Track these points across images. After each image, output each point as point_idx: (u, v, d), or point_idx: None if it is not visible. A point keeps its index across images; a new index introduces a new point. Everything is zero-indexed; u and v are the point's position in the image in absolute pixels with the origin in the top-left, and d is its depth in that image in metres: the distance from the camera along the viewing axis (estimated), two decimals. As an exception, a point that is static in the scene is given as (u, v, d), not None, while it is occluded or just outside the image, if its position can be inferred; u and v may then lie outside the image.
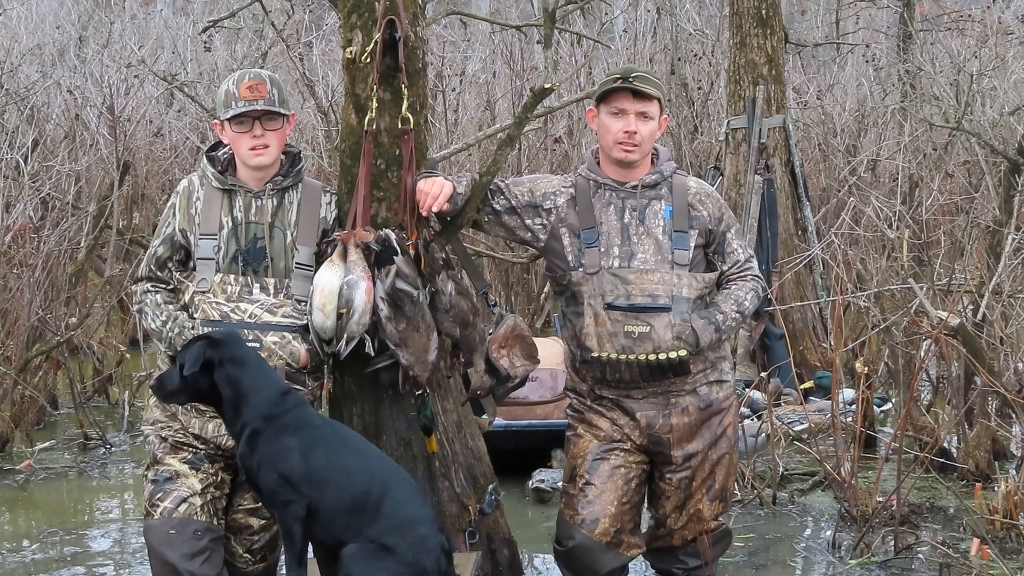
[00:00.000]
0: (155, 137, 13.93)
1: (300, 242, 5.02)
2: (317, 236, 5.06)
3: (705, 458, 5.29)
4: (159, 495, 4.94)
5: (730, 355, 5.46)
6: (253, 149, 4.96)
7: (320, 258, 5.02)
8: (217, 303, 4.94)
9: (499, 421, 7.29)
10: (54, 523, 7.01)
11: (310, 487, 4.48)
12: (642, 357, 5.09)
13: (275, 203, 5.03)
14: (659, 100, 5.15)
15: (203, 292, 4.95)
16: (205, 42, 14.65)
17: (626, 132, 5.15)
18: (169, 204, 5.10)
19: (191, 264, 5.01)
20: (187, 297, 4.99)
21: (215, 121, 5.08)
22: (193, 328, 4.90)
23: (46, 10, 18.55)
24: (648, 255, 5.12)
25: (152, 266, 5.05)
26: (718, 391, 5.29)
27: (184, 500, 4.91)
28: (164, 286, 5.04)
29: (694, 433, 5.26)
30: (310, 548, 4.60)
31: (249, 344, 4.78)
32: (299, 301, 4.97)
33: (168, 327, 4.94)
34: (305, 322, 4.95)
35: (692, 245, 5.15)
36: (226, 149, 5.11)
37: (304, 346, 4.97)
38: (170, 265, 5.04)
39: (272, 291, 4.97)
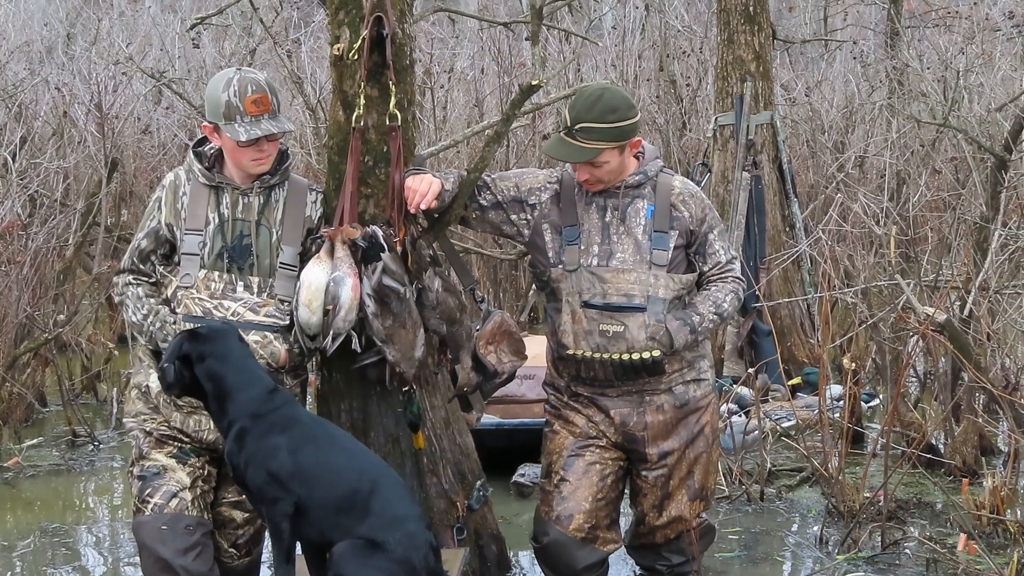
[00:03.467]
0: (143, 134, 13.89)
1: (285, 242, 5.00)
2: (302, 236, 5.05)
3: (682, 457, 5.29)
4: (148, 491, 4.91)
5: (710, 354, 5.44)
6: (255, 160, 4.94)
7: (304, 257, 5.02)
8: (200, 299, 4.91)
9: (492, 419, 7.30)
10: (43, 520, 7.01)
11: (298, 485, 4.49)
12: (616, 356, 5.10)
13: (262, 201, 5.01)
14: (608, 147, 5.01)
15: (186, 288, 4.92)
16: (193, 39, 14.59)
17: (582, 181, 5.16)
18: (155, 197, 5.06)
19: (175, 259, 4.98)
20: (170, 292, 4.96)
21: (205, 124, 4.99)
22: (175, 323, 4.88)
23: (34, 7, 18.52)
24: (627, 255, 5.11)
25: (135, 258, 5.01)
26: (695, 390, 5.29)
27: (175, 495, 4.89)
28: (146, 279, 5.01)
29: (670, 431, 5.27)
30: (298, 546, 4.62)
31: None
32: (282, 301, 4.96)
33: (150, 321, 4.92)
34: (287, 322, 4.95)
35: (671, 246, 5.13)
36: (212, 144, 5.06)
37: (284, 346, 4.96)
38: (153, 258, 5.01)
39: (256, 290, 4.95)
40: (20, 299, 8.60)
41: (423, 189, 5.05)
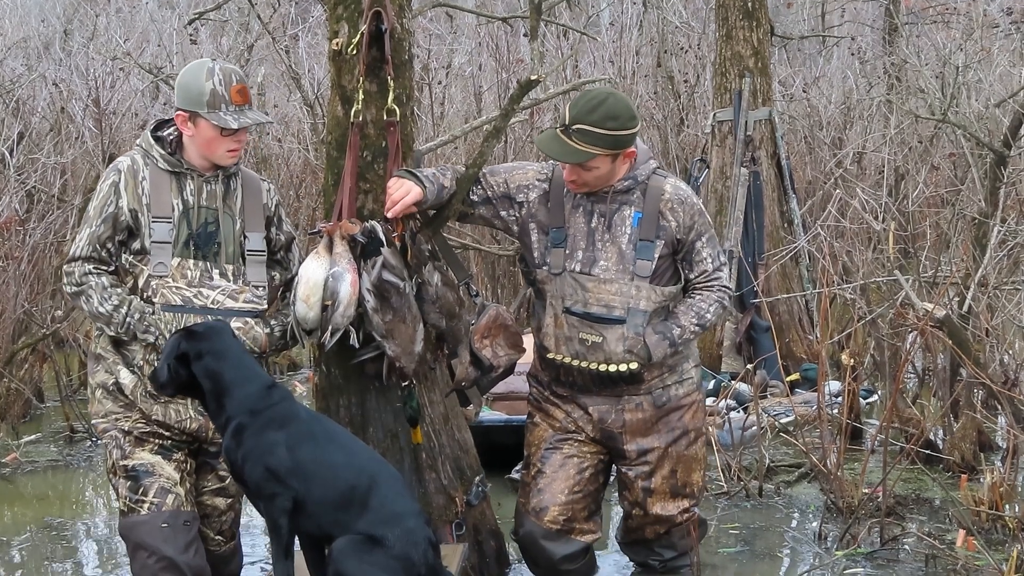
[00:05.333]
0: (140, 130, 13.81)
1: (249, 229, 4.98)
2: (263, 223, 5.03)
3: (664, 455, 5.29)
4: (141, 489, 4.86)
5: (695, 353, 5.42)
6: (231, 152, 4.90)
7: (271, 244, 5.05)
8: (177, 288, 4.83)
9: (498, 415, 7.29)
10: (40, 515, 7.00)
11: (296, 480, 4.49)
12: (593, 366, 5.10)
13: (223, 189, 4.96)
14: (601, 153, 4.97)
15: (160, 276, 4.83)
16: (191, 35, 14.58)
17: (568, 180, 5.13)
18: (108, 182, 4.87)
19: (137, 246, 4.85)
20: (141, 281, 4.85)
21: (179, 112, 4.89)
22: (153, 313, 4.80)
23: (31, 3, 18.51)
24: (610, 264, 5.08)
25: (96, 245, 4.84)
26: (677, 389, 5.28)
27: (169, 491, 4.85)
28: (106, 267, 4.86)
29: (649, 429, 5.26)
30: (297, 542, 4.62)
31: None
32: (256, 287, 4.95)
33: (124, 312, 4.80)
34: (264, 307, 4.95)
35: (656, 256, 5.09)
36: (172, 129, 4.97)
37: (265, 330, 4.95)
38: (109, 246, 4.85)
39: (231, 277, 4.92)
40: (18, 295, 8.60)
41: (397, 196, 4.96)
